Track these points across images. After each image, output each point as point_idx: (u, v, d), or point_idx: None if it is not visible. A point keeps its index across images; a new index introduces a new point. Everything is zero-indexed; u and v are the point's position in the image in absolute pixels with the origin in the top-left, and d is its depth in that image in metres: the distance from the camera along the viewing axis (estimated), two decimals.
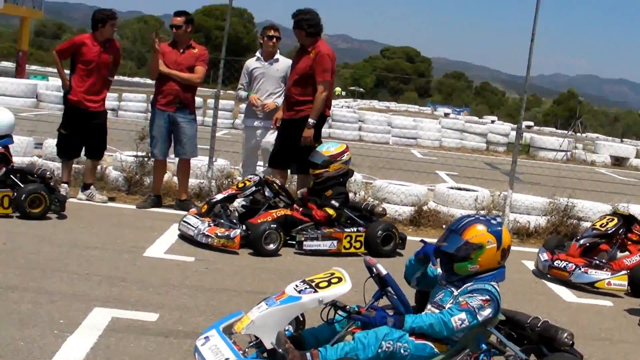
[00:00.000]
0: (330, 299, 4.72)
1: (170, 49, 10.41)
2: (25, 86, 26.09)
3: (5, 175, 9.19)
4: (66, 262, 7.38)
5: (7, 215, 8.94)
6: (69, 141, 10.35)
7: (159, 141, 10.42)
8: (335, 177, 9.18)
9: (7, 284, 6.45)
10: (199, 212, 8.98)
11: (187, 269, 7.63)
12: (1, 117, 9.35)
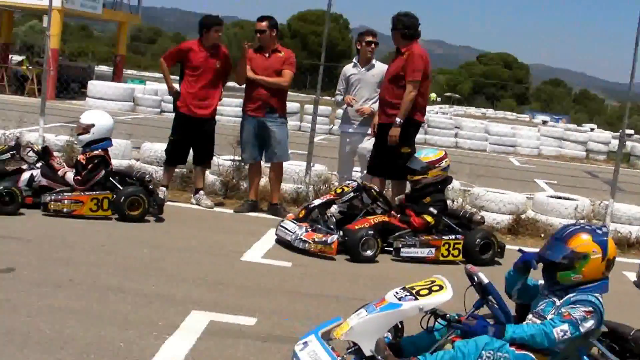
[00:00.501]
0: (431, 307, 4.71)
1: (256, 54, 10.51)
2: (122, 90, 26.68)
3: (104, 178, 9.43)
4: (164, 264, 7.54)
5: (107, 217, 9.19)
6: (177, 147, 10.56)
7: (249, 146, 10.55)
8: (433, 183, 9.14)
9: (107, 285, 6.62)
10: (297, 217, 9.06)
11: (285, 274, 7.70)
12: (101, 121, 9.58)
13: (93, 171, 9.32)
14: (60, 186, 9.38)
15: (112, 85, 27.12)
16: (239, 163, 11.48)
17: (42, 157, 9.60)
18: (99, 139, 9.47)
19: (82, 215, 9.09)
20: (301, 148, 13.55)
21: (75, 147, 11.56)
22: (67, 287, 6.45)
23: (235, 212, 10.55)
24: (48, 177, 9.43)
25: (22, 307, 5.80)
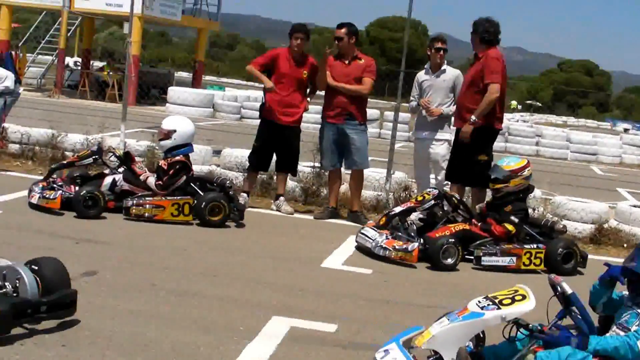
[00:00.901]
0: (513, 317, 4.69)
1: (336, 62, 10.55)
2: (202, 96, 26.99)
3: (185, 183, 9.58)
4: (245, 270, 7.63)
5: (188, 222, 9.35)
6: (261, 154, 10.69)
7: (328, 153, 10.61)
8: (515, 192, 9.08)
9: (188, 289, 6.74)
10: (377, 224, 9.09)
11: (365, 281, 7.73)
12: (182, 126, 9.75)
13: (174, 177, 9.49)
14: (142, 191, 9.56)
15: (191, 92, 27.46)
16: (319, 170, 11.54)
17: (124, 162, 9.80)
18: (181, 145, 9.64)
19: (163, 220, 9.26)
20: (381, 155, 13.58)
21: (156, 152, 11.78)
22: (149, 291, 6.59)
23: (316, 218, 10.62)
24: (130, 182, 9.63)
25: (105, 309, 5.94)
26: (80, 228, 8.61)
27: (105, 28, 68.06)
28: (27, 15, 60.44)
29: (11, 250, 7.06)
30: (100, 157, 9.88)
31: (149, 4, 27.98)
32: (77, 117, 17.75)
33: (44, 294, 5.34)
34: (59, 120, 14.30)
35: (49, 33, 34.18)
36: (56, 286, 5.42)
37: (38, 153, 12.59)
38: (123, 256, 7.63)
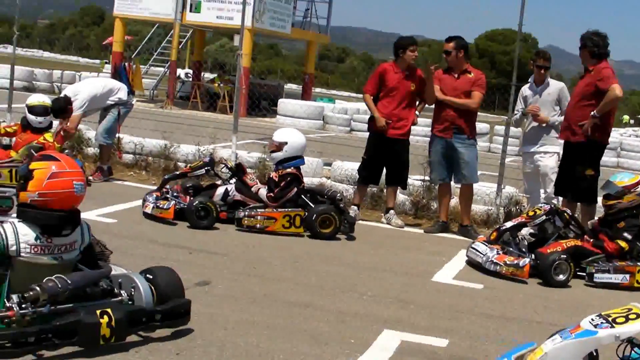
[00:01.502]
0: (628, 336, 4.64)
1: (445, 75, 10.56)
2: (312, 108, 27.23)
3: (296, 195, 9.72)
4: (355, 282, 7.70)
5: (299, 234, 9.48)
6: (370, 167, 10.78)
7: (437, 166, 10.62)
8: (628, 208, 8.92)
9: (300, 301, 6.85)
10: (488, 239, 9.06)
11: (476, 296, 7.72)
12: (294, 139, 9.90)
13: (286, 188, 9.63)
14: (254, 202, 9.75)
15: (302, 104, 27.75)
16: (429, 183, 11.55)
17: (235, 173, 10.01)
18: (292, 157, 9.78)
19: (275, 232, 9.41)
20: (491, 169, 13.50)
21: (267, 164, 11.97)
22: (261, 301, 6.72)
23: (426, 232, 10.64)
24: (242, 193, 9.83)
25: (218, 320, 6.09)
26: (193, 238, 8.84)
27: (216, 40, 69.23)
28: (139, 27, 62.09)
29: (126, 259, 7.27)
30: (212, 169, 10.12)
31: (259, 17, 28.41)
32: (189, 128, 18.15)
33: (158, 303, 5.51)
34: (171, 131, 14.64)
35: (161, 45, 35.07)
36: (170, 295, 5.59)
37: (151, 163, 12.93)
38: (235, 267, 7.80)
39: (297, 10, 33.86)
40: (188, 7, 29.30)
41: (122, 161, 13.03)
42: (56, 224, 5.22)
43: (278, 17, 30.47)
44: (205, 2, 29.03)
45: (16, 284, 5.16)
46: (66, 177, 5.19)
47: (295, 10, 33.23)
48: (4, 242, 5.10)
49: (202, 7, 29.13)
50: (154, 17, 30.81)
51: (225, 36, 62.15)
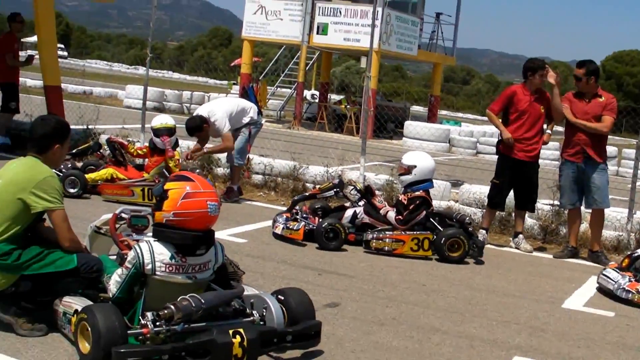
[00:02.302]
0: None
1: (576, 99, 10.38)
2: (438, 131, 27.10)
3: (425, 218, 9.67)
4: (485, 307, 7.61)
5: (427, 257, 9.43)
6: (499, 190, 10.66)
7: (567, 191, 10.41)
8: None
9: (429, 325, 6.81)
10: (619, 265, 8.82)
11: (608, 324, 7.51)
12: (423, 162, 9.85)
13: (415, 211, 9.59)
14: (382, 224, 9.75)
15: (428, 126, 27.64)
16: (558, 208, 11.34)
17: (364, 195, 10.03)
18: (421, 180, 9.74)
19: (403, 254, 9.40)
20: (621, 194, 13.15)
21: (395, 186, 11.96)
22: (390, 325, 6.71)
23: (555, 257, 10.44)
24: (370, 215, 9.84)
25: (348, 342, 6.10)
26: (322, 259, 8.90)
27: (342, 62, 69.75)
28: (266, 49, 63.13)
29: (256, 279, 7.39)
30: (341, 190, 10.17)
31: (386, 39, 28.54)
32: (316, 149, 18.28)
33: (289, 324, 5.56)
34: (299, 152, 14.82)
35: (288, 67, 35.55)
36: (301, 317, 5.63)
37: (280, 184, 13.08)
38: (364, 289, 7.81)
39: (423, 32, 33.87)
40: (315, 29, 29.65)
41: (252, 181, 13.22)
42: (191, 244, 5.32)
43: (405, 39, 30.56)
44: (332, 25, 29.35)
45: (150, 301, 5.30)
46: (200, 198, 5.29)
47: (421, 32, 33.24)
48: (140, 261, 5.23)
49: (329, 30, 29.46)
50: (281, 40, 31.31)
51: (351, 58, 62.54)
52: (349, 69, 70.15)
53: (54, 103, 14.58)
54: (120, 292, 5.39)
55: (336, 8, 29.35)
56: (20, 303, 5.71)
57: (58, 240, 5.76)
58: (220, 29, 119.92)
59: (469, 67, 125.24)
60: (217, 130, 11.56)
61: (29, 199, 5.60)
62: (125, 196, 10.99)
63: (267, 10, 30.42)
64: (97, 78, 39.59)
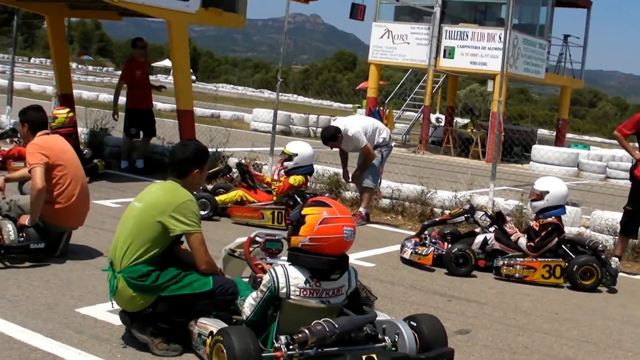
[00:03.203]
0: None
1: None
2: (566, 155, 26.55)
3: (557, 245, 9.48)
4: (619, 338, 7.41)
5: (558, 285, 9.23)
6: (633, 217, 10.37)
7: None
8: None
9: (562, 355, 6.68)
10: None
11: None
12: (556, 188, 9.60)
13: (547, 238, 9.40)
14: (513, 251, 9.60)
15: (555, 150, 27.11)
16: None
17: (495, 221, 9.90)
18: (553, 206, 9.54)
19: (534, 282, 9.23)
20: None
21: (525, 211, 11.77)
22: (523, 353, 6.60)
23: None
24: (501, 242, 9.69)
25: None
26: (451, 285, 8.83)
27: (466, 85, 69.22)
28: (390, 72, 63.26)
29: (385, 304, 7.38)
30: (472, 216, 10.06)
31: (513, 62, 28.21)
32: (443, 174, 18.19)
33: (421, 351, 5.51)
34: (427, 177, 14.72)
35: (414, 91, 35.52)
36: (434, 343, 5.56)
37: (407, 208, 13.03)
38: (495, 316, 7.71)
39: (550, 55, 33.35)
40: (442, 53, 29.56)
41: (379, 205, 13.22)
42: (326, 269, 5.34)
43: (533, 63, 30.21)
44: (459, 48, 29.21)
45: (284, 325, 5.34)
46: (337, 223, 5.31)
47: (549, 55, 32.75)
48: (275, 284, 5.28)
49: (455, 53, 29.31)
50: (408, 63, 31.33)
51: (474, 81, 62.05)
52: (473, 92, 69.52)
53: (187, 127, 14.91)
54: (255, 315, 5.46)
55: (463, 31, 29.21)
56: (157, 323, 5.85)
57: (195, 262, 5.91)
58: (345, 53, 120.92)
59: (596, 89, 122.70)
60: (355, 143, 11.78)
61: (169, 222, 5.75)
62: (255, 219, 11.15)
63: (393, 34, 30.52)
64: (226, 101, 40.39)
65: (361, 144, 11.73)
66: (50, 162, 8.10)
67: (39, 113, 8.63)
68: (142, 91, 15.30)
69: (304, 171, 11.37)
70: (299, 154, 11.31)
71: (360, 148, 11.87)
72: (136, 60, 15.49)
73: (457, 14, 31.07)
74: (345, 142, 11.84)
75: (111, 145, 16.57)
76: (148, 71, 16.07)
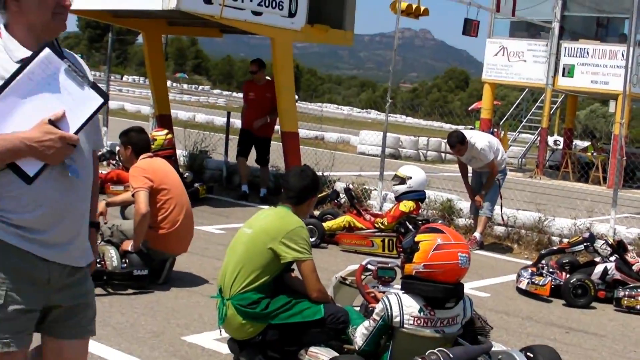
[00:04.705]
0: None
1: None
2: None
3: None
4: None
5: None
6: None
7: None
8: None
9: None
10: None
11: None
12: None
13: None
14: (634, 281, 9.63)
15: None
16: None
17: (616, 250, 9.94)
18: None
19: None
20: None
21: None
22: None
23: None
24: (622, 272, 9.73)
25: None
26: (569, 317, 8.93)
27: (586, 105, 68.23)
28: (505, 91, 62.75)
29: (501, 335, 7.54)
30: (592, 245, 10.13)
31: (637, 81, 27.77)
32: (562, 200, 18.13)
33: None
34: (544, 203, 14.76)
35: (530, 112, 35.21)
36: None
37: (523, 236, 13.10)
38: (614, 349, 7.81)
39: None
40: (560, 71, 29.29)
41: (494, 233, 13.30)
42: (440, 297, 5.52)
43: None
44: (578, 66, 28.91)
45: (397, 355, 5.56)
46: (451, 249, 5.49)
47: None
48: (389, 313, 5.48)
49: (575, 72, 29.01)
50: (524, 82, 31.09)
51: (595, 100, 61.16)
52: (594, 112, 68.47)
53: (292, 150, 15.15)
54: (367, 344, 5.66)
55: (583, 48, 28.91)
56: (267, 352, 6.12)
57: (306, 290, 6.14)
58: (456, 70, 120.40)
59: None
60: (481, 157, 12.04)
61: (279, 248, 6.02)
62: (364, 247, 11.34)
63: (509, 52, 30.35)
64: (331, 122, 40.64)
65: (487, 159, 11.92)
66: (155, 186, 8.36)
67: (142, 135, 8.87)
68: (256, 113, 15.18)
69: (416, 196, 11.58)
70: (412, 177, 11.55)
71: (486, 164, 12.05)
72: (250, 82, 15.63)
73: (576, 30, 30.78)
74: (467, 155, 12.08)
75: (211, 168, 16.94)
76: (267, 95, 15.29)
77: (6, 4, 3.45)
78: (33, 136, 3.30)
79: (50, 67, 3.40)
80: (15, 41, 3.46)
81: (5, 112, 3.33)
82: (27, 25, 3.47)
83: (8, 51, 3.44)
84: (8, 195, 3.37)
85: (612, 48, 28.20)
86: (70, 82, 3.44)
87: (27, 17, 3.45)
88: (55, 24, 3.52)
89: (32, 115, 3.34)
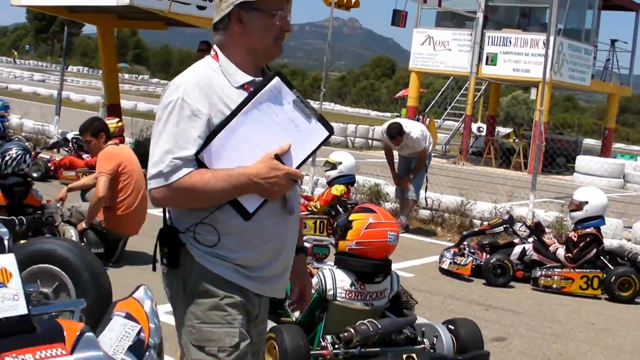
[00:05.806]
0: None
1: None
2: (612, 165, 26.57)
3: (595, 256, 9.87)
4: None
5: (596, 296, 9.67)
6: None
7: None
8: None
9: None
10: None
11: None
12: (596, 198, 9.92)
13: (585, 249, 9.80)
14: (551, 262, 10.03)
15: (600, 160, 27.09)
16: None
17: (534, 232, 10.34)
18: (592, 217, 9.87)
19: (571, 293, 9.65)
20: None
21: (565, 223, 12.13)
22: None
23: None
24: (539, 252, 10.14)
25: None
26: (489, 295, 9.30)
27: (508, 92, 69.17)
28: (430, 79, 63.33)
29: (424, 313, 7.82)
30: (511, 227, 10.53)
31: (558, 69, 28.34)
32: (484, 185, 18.60)
33: (459, 353, 6.03)
34: (466, 188, 15.15)
35: (455, 99, 35.70)
36: (470, 346, 6.09)
37: (447, 219, 13.49)
38: (531, 325, 8.18)
39: (596, 61, 33.37)
40: (484, 60, 29.78)
41: (418, 216, 13.65)
42: (370, 272, 5.90)
43: (578, 69, 30.22)
44: (501, 55, 29.42)
45: (329, 326, 5.91)
46: (382, 228, 5.85)
47: (595, 61, 32.78)
48: (323, 286, 5.84)
49: (498, 60, 29.51)
50: (449, 71, 31.50)
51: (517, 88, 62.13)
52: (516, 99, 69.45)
53: None
54: (303, 316, 5.98)
55: (506, 37, 29.44)
56: None
57: None
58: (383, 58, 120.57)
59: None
60: (415, 145, 12.37)
61: None
62: None
63: (435, 41, 30.74)
64: None
65: (421, 147, 12.29)
66: (120, 170, 8.86)
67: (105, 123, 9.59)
68: None
69: (346, 180, 11.86)
70: (342, 162, 11.85)
71: (417, 151, 12.42)
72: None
73: (500, 20, 31.36)
74: (402, 144, 12.42)
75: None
76: None
77: (229, 25, 3.36)
78: (259, 172, 3.17)
79: (279, 97, 3.27)
80: (234, 65, 3.36)
81: (232, 144, 3.21)
82: (247, 48, 3.37)
83: (227, 75, 3.34)
84: (229, 233, 3.27)
85: (534, 37, 28.69)
86: (297, 114, 3.28)
87: (250, 40, 3.35)
88: (275, 49, 3.42)
89: (258, 147, 3.22)
